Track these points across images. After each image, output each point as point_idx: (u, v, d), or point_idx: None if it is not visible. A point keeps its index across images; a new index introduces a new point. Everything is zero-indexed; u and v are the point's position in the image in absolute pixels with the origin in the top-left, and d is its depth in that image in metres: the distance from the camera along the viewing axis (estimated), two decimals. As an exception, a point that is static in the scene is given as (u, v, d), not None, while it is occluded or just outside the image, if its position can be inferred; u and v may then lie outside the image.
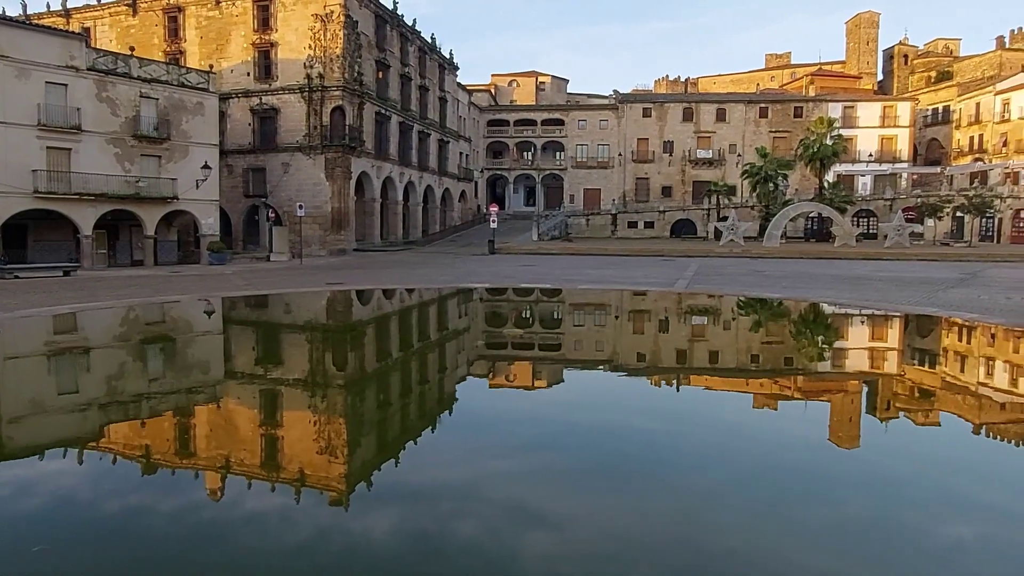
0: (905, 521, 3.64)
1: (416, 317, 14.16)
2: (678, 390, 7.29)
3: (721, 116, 65.84)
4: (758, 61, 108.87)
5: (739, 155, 63.33)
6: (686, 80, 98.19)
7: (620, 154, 65.59)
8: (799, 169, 54.17)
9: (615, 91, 70.37)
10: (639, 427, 5.59)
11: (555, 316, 14.52)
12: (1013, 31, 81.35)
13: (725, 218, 45.62)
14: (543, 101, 75.31)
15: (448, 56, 56.84)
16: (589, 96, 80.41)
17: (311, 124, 42.34)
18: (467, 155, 62.59)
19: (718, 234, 44.10)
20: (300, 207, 36.49)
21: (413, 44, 50.81)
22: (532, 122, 67.40)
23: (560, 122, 66.88)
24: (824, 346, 10.30)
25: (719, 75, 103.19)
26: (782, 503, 3.87)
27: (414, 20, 50.00)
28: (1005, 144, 61.83)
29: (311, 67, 42.09)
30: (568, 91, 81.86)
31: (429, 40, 53.02)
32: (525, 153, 68.37)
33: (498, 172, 68.42)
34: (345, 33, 41.81)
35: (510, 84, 79.84)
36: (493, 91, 75.90)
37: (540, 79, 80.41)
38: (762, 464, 4.62)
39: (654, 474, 4.36)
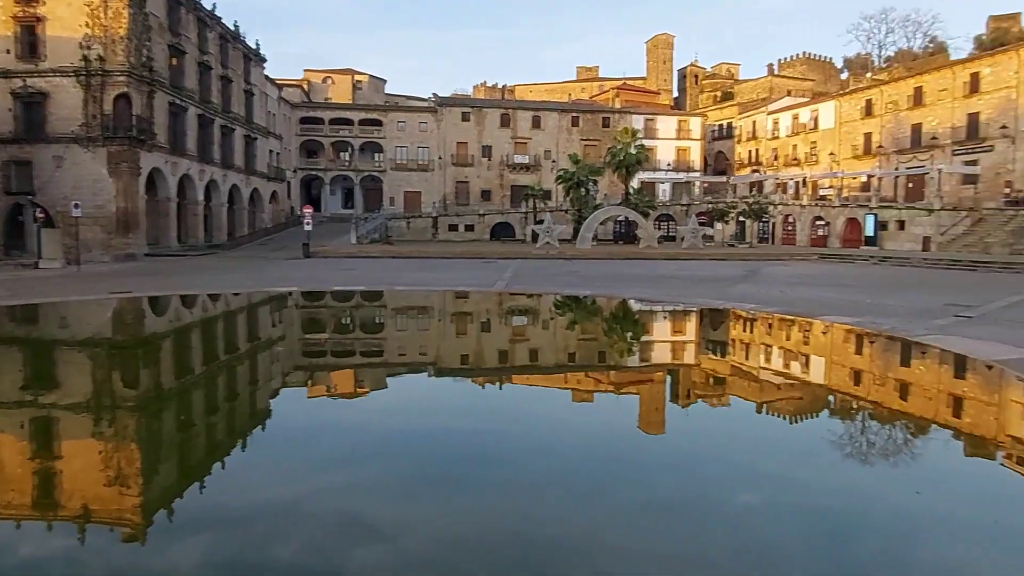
0: (705, 495, 3.99)
1: (222, 326, 13.11)
2: (501, 389, 7.42)
3: (536, 123, 68.62)
4: (570, 73, 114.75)
5: (554, 161, 66.43)
6: (503, 87, 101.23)
7: (440, 157, 65.90)
8: (608, 175, 57.86)
9: (434, 94, 70.61)
10: (466, 428, 5.59)
11: (377, 320, 14.20)
12: (781, 60, 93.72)
13: (541, 221, 47.45)
14: (360, 100, 73.44)
15: (255, 47, 53.46)
16: (408, 98, 79.84)
17: (90, 112, 37.52)
18: (278, 153, 59.33)
19: (535, 237, 45.71)
20: (76, 206, 32.02)
21: (213, 31, 47.08)
22: (349, 121, 65.49)
23: (378, 123, 65.68)
24: (632, 341, 11.04)
25: (535, 84, 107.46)
26: (599, 490, 4.05)
27: (214, 5, 46.39)
28: (776, 158, 71.06)
29: (89, 48, 37.31)
30: (387, 92, 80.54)
31: (232, 28, 49.54)
32: (342, 153, 66.23)
33: (313, 172, 65.59)
34: (130, 12, 37.59)
35: (325, 81, 76.91)
36: (306, 87, 72.64)
37: (357, 78, 78.44)
38: (581, 455, 4.81)
39: (481, 474, 4.38)
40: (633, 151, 51.93)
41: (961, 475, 4.59)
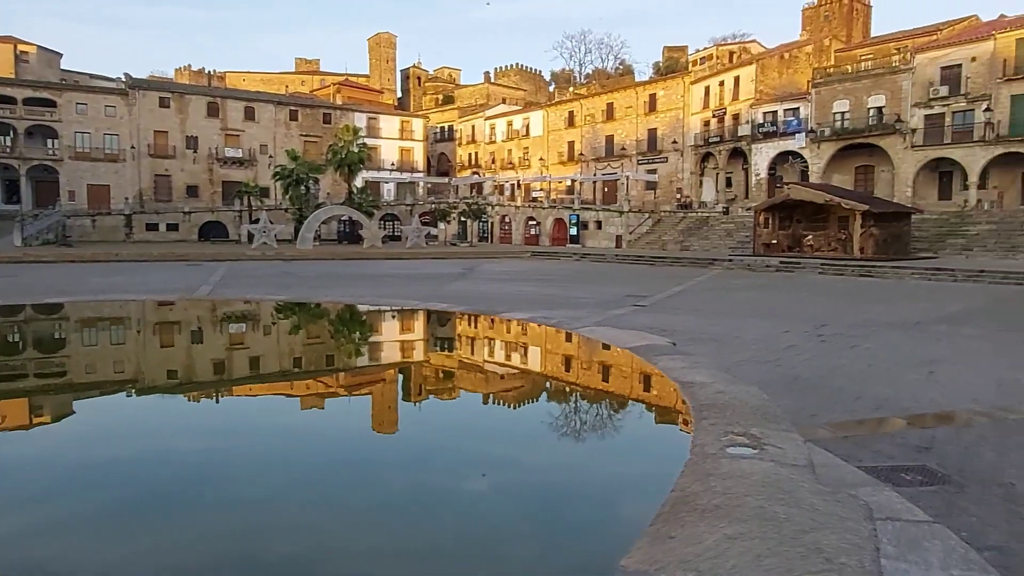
0: (438, 486, 3.95)
1: None
2: (218, 403, 6.71)
3: (250, 115, 63.00)
4: (288, 64, 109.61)
5: (271, 156, 62.07)
6: (211, 73, 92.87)
7: (134, 147, 57.47)
8: (330, 174, 56.12)
9: (127, 75, 61.87)
10: (180, 449, 4.88)
11: (55, 336, 11.89)
12: (497, 69, 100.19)
13: (257, 220, 44.57)
14: (27, 75, 61.11)
15: None
16: (92, 76, 68.71)
17: None
18: (-92, 134, 47.27)
19: (251, 237, 42.85)
20: None
21: None
22: (11, 100, 53.95)
23: (52, 103, 55.04)
24: (360, 342, 10.76)
25: (249, 72, 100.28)
26: (333, 495, 3.85)
27: None
28: (493, 161, 75.68)
29: None
30: (63, 68, 68.39)
31: None
32: (3, 137, 54.91)
33: (-38, 159, 53.48)
34: None
35: (-24, 49, 63.24)
36: (-51, 55, 59.05)
37: (22, 48, 65.27)
38: (313, 462, 4.56)
39: (202, 496, 3.89)
40: (355, 149, 51.19)
41: (591, 440, 5.02)
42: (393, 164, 71.29)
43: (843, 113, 44.28)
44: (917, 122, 40.93)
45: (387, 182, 68.30)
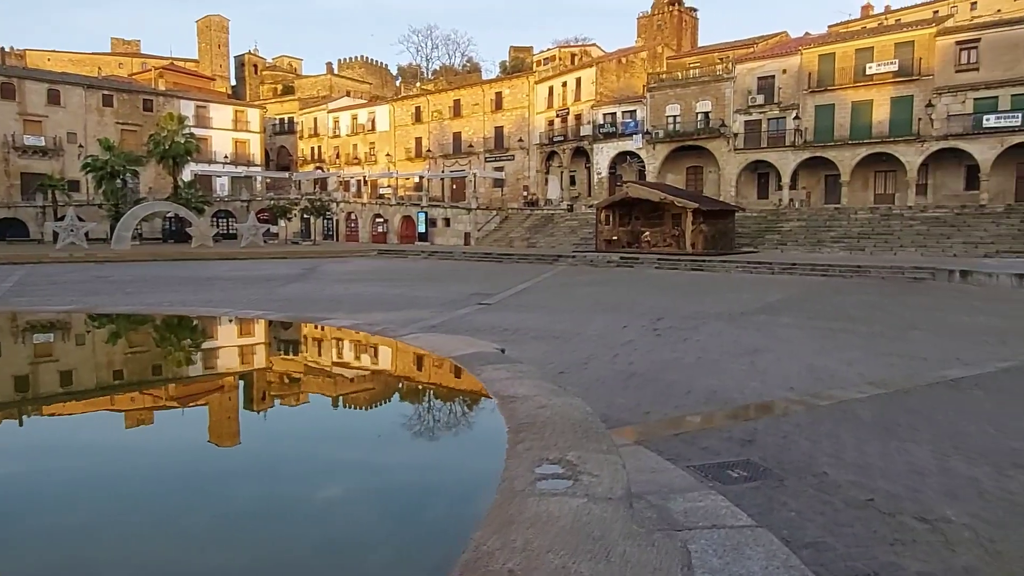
0: (289, 496, 3.52)
1: None
2: (22, 424, 5.61)
3: (55, 98, 55.06)
4: (103, 44, 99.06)
5: (81, 146, 54.64)
6: (7, 50, 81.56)
7: (-94, 132, 49.65)
8: (153, 166, 51.09)
9: None
10: None
11: None
12: (341, 60, 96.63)
13: (64, 217, 39.69)
14: None
15: None
16: None
17: None
18: None
19: (56, 236, 38.07)
20: None
21: None
22: None
23: None
24: (190, 350, 9.58)
25: (54, 51, 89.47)
26: (171, 516, 3.31)
27: None
28: (338, 156, 72.86)
29: None
30: None
31: None
32: None
33: None
34: None
35: None
36: None
37: None
38: (144, 481, 3.89)
39: (13, 528, 3.17)
40: (181, 140, 47.06)
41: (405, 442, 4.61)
42: (227, 157, 66.46)
43: (675, 116, 47.08)
44: (739, 127, 44.37)
45: (220, 176, 63.46)
